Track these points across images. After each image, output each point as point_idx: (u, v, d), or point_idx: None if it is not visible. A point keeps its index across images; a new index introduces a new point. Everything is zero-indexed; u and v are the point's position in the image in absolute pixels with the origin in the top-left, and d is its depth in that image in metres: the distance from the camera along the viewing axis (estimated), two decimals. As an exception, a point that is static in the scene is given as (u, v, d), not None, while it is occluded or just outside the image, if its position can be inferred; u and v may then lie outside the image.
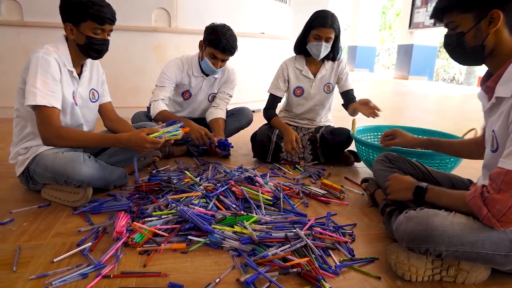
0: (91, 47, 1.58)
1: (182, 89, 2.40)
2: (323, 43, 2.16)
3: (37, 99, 1.46)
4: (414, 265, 1.12)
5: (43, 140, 1.54)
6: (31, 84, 1.47)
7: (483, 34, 1.06)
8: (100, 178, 1.62)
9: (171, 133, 1.67)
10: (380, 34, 18.68)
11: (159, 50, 3.74)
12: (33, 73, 1.48)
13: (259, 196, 1.64)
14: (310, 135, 2.38)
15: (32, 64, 1.49)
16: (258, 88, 4.35)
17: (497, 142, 1.08)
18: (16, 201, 1.63)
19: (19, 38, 3.39)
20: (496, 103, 1.10)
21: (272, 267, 1.16)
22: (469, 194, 1.08)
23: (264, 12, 4.57)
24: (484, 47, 1.08)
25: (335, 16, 2.18)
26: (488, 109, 1.15)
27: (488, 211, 1.02)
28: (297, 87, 2.39)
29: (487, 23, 1.05)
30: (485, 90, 1.17)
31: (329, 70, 2.37)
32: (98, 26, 1.55)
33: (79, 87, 1.69)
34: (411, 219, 1.10)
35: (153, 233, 1.33)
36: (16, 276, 1.10)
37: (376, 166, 1.66)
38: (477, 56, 1.11)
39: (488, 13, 1.03)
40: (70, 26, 1.56)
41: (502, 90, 1.05)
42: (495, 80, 1.09)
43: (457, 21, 1.10)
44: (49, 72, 1.51)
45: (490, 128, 1.14)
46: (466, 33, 1.09)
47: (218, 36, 2.13)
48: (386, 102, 6.14)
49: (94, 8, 1.51)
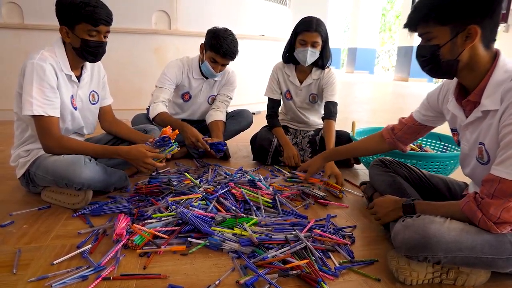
0: (86, 50, 1.55)
1: (182, 91, 2.41)
2: (309, 48, 2.12)
3: (33, 108, 1.46)
4: (415, 269, 1.12)
5: (44, 149, 1.56)
6: (27, 93, 1.47)
7: (458, 49, 1.05)
8: (101, 180, 1.62)
9: (168, 150, 1.67)
10: (380, 36, 18.71)
11: (159, 53, 3.75)
12: (29, 81, 1.47)
13: (258, 198, 1.64)
14: (309, 138, 2.39)
15: (28, 71, 1.48)
16: (258, 90, 4.35)
17: (488, 154, 1.09)
18: (16, 203, 1.63)
19: (19, 40, 3.39)
20: (481, 117, 1.10)
21: (271, 269, 1.16)
22: (463, 201, 1.09)
23: (264, 14, 4.58)
24: (458, 61, 1.07)
25: (320, 21, 2.16)
26: (469, 123, 1.16)
27: (482, 215, 1.02)
28: (287, 91, 2.39)
29: (464, 38, 1.03)
30: (463, 104, 1.16)
31: (315, 81, 2.31)
32: (92, 27, 1.52)
33: (79, 90, 1.68)
34: (408, 228, 1.10)
35: (153, 235, 1.33)
36: (16, 278, 1.10)
37: (372, 170, 1.66)
38: (450, 70, 1.10)
39: (466, 28, 1.02)
40: (65, 29, 1.54)
41: (489, 103, 1.06)
42: (477, 94, 1.09)
43: (433, 32, 1.07)
44: (45, 80, 1.49)
45: (474, 141, 1.15)
46: (442, 46, 1.07)
47: (219, 41, 2.14)
48: (387, 103, 6.15)
49: (87, 9, 1.48)
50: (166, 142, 1.63)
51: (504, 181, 0.98)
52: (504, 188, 0.98)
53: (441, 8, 1.04)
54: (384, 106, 5.83)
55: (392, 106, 5.86)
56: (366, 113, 4.71)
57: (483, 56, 1.06)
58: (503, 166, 0.99)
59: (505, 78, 1.04)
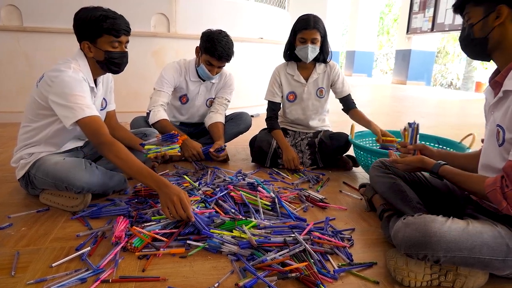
0: (111, 61, 1.59)
1: (179, 93, 2.41)
2: (309, 45, 2.16)
3: (85, 112, 1.47)
4: (413, 270, 1.13)
5: (97, 148, 1.52)
6: (71, 101, 1.47)
7: (489, 27, 1.11)
8: (101, 184, 1.62)
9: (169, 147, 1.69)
10: (378, 39, 18.77)
11: (158, 55, 3.75)
12: (69, 90, 1.47)
13: (257, 201, 1.64)
14: (308, 140, 2.39)
15: (65, 83, 1.48)
16: (256, 93, 4.37)
17: (503, 136, 1.09)
18: (14, 206, 1.63)
19: (18, 43, 3.39)
20: (502, 97, 1.11)
21: (270, 272, 1.17)
22: (488, 185, 1.08)
23: (263, 17, 4.60)
24: (488, 40, 1.12)
25: (318, 17, 2.20)
26: (493, 104, 1.16)
27: (507, 204, 1.03)
28: (290, 93, 2.40)
29: (495, 17, 1.09)
30: (492, 85, 1.19)
31: (321, 75, 2.36)
32: (115, 39, 1.56)
33: (96, 100, 1.71)
34: (409, 226, 1.10)
35: (152, 237, 1.33)
36: (15, 280, 1.10)
37: (373, 172, 1.66)
38: (482, 49, 1.16)
39: (496, 8, 1.08)
40: (87, 44, 1.57)
41: (510, 83, 1.07)
42: (503, 75, 1.12)
43: (470, 12, 1.15)
44: (85, 90, 1.53)
45: (494, 122, 1.15)
46: (475, 25, 1.14)
47: (214, 44, 2.14)
48: (385, 106, 6.16)
49: (108, 22, 1.52)
50: (173, 139, 1.70)
51: None
52: None
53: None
54: (383, 109, 5.85)
55: (390, 109, 5.87)
56: (365, 116, 4.73)
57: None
58: None
59: None
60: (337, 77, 2.36)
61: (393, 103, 6.77)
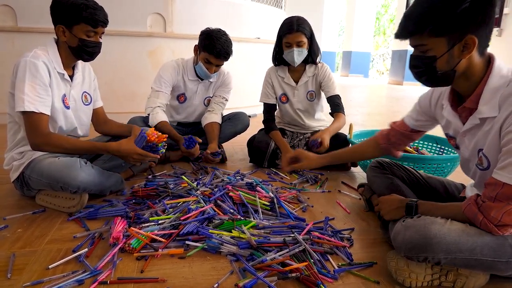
0: (84, 49, 1.58)
1: (177, 92, 2.40)
2: (295, 49, 2.14)
3: (24, 105, 1.45)
4: (414, 271, 1.12)
5: (32, 146, 1.53)
6: (20, 90, 1.46)
7: (455, 60, 1.03)
8: (97, 183, 1.60)
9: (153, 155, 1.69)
10: (374, 40, 18.82)
11: (154, 55, 3.73)
12: (21, 78, 1.47)
13: (256, 201, 1.63)
14: (306, 140, 2.38)
15: (20, 69, 1.48)
16: (254, 93, 4.33)
17: (488, 160, 1.09)
18: (10, 207, 1.61)
19: (13, 43, 3.36)
20: (479, 124, 1.10)
21: (270, 272, 1.16)
22: (464, 203, 1.10)
23: (260, 17, 4.59)
24: (455, 72, 1.06)
25: (302, 19, 2.17)
26: (466, 130, 1.15)
27: (484, 217, 1.02)
28: (282, 94, 2.38)
29: (461, 49, 1.02)
30: (459, 111, 1.16)
31: (311, 78, 2.33)
32: (92, 28, 1.55)
33: (72, 90, 1.68)
34: (409, 228, 1.10)
35: (150, 238, 1.32)
36: (11, 283, 1.09)
37: (370, 172, 1.66)
38: (447, 80, 1.09)
39: (463, 39, 1.00)
40: (62, 28, 1.55)
41: (487, 110, 1.05)
42: (473, 100, 1.09)
43: (428, 44, 1.04)
44: (37, 77, 1.49)
45: (472, 148, 1.15)
46: (438, 58, 1.04)
47: (213, 41, 2.14)
48: (382, 107, 6.18)
49: (88, 11, 1.51)
50: (154, 149, 1.69)
51: (507, 186, 0.98)
52: (507, 192, 0.98)
53: (437, 20, 0.99)
54: (380, 109, 5.86)
55: (387, 109, 5.88)
56: (362, 116, 4.73)
57: (478, 63, 1.06)
58: (506, 171, 0.98)
59: (502, 83, 1.03)
60: (324, 77, 2.30)
61: (390, 103, 6.79)
